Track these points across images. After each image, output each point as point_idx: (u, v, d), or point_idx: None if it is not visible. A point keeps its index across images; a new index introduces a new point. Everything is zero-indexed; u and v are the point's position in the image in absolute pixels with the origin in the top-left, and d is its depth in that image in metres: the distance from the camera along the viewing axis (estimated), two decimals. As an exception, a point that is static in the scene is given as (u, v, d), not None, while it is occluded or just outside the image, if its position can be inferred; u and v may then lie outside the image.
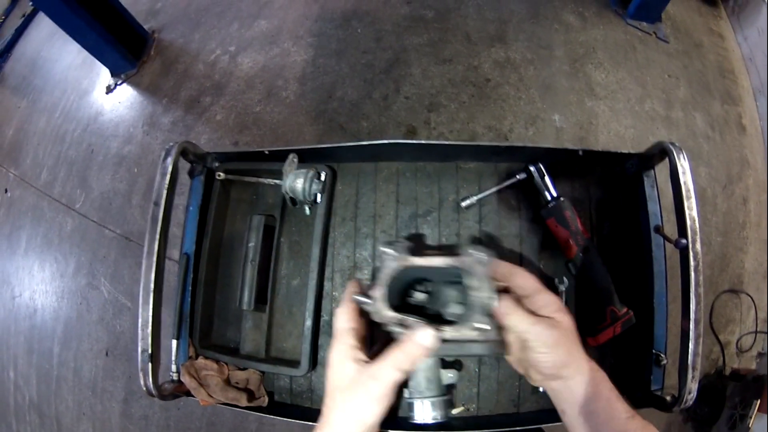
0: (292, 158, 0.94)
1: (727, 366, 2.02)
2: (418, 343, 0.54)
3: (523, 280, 0.61)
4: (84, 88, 3.03)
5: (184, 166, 1.03)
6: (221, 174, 1.03)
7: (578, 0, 2.63)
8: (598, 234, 0.99)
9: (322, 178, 0.95)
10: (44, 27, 3.51)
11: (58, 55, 3.36)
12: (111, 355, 2.35)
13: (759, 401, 1.79)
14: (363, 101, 2.35)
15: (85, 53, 2.79)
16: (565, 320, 0.59)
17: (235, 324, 1.04)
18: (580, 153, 0.96)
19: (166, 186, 0.92)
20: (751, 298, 2.08)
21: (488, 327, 0.55)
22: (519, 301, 0.60)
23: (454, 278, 0.59)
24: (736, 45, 2.60)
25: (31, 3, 3.49)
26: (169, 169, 0.93)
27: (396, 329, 0.56)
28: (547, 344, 0.57)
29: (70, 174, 2.76)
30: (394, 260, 0.58)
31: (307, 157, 0.98)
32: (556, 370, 0.58)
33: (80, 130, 2.86)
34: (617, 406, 0.57)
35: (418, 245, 0.97)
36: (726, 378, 1.97)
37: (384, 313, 0.56)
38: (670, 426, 2.01)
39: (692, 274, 0.78)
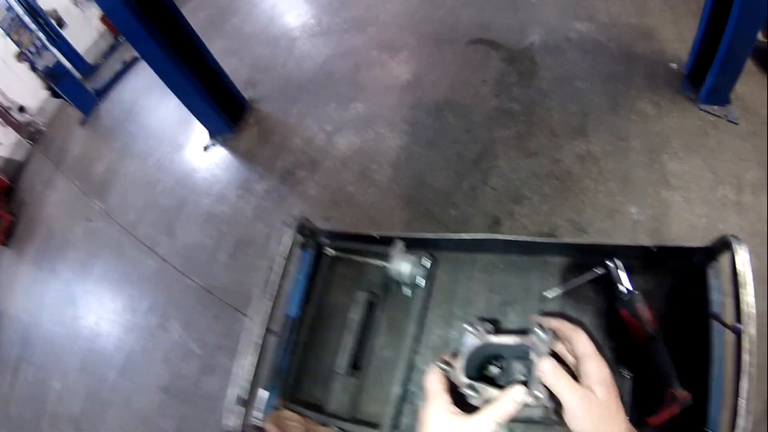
0: (400, 244, 1.09)
1: None
2: (512, 400, 0.66)
3: (580, 343, 0.72)
4: (179, 143, 3.31)
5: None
6: (332, 251, 1.19)
7: (653, 88, 2.73)
8: (666, 323, 1.04)
9: (426, 264, 1.09)
10: (143, 77, 3.81)
11: (155, 106, 3.68)
12: (168, 394, 2.44)
13: None
14: (452, 190, 2.49)
15: (182, 110, 3.04)
16: (602, 393, 0.66)
17: (325, 385, 1.14)
18: (655, 250, 1.06)
19: (284, 255, 1.08)
20: None
21: (541, 395, 0.67)
22: (568, 365, 0.71)
23: (523, 355, 0.73)
24: None
25: (138, 55, 3.60)
26: (288, 239, 1.09)
27: (469, 392, 0.70)
28: (577, 413, 0.65)
29: (157, 220, 2.99)
30: (474, 337, 0.75)
31: (409, 244, 1.13)
32: None
33: (172, 182, 3.11)
34: None
35: (496, 327, 1.08)
36: None
37: (461, 379, 0.71)
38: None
39: (745, 356, 0.85)
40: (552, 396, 0.68)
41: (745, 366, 0.85)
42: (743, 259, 0.91)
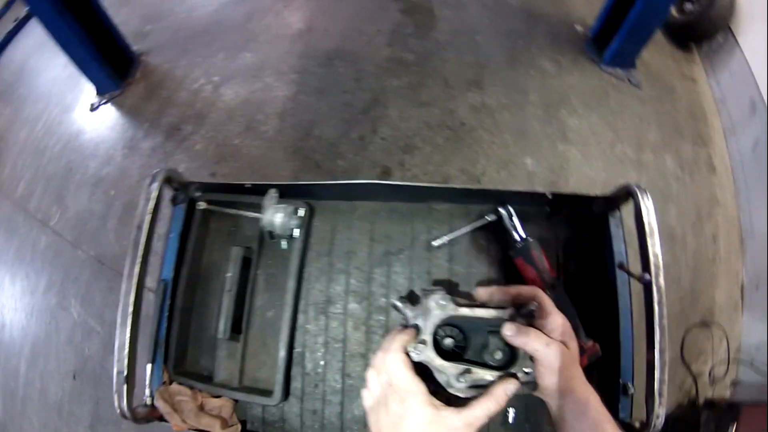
0: (273, 193, 0.99)
1: (700, 396, 2.07)
2: (505, 393, 0.59)
3: (542, 301, 0.66)
4: (68, 104, 3.02)
5: (165, 193, 1.06)
6: (203, 204, 1.07)
7: (555, 47, 2.75)
8: (566, 272, 1.04)
9: (300, 214, 1.00)
10: (35, 35, 3.48)
11: (45, 66, 3.34)
12: (78, 379, 2.30)
13: (735, 424, 1.83)
14: (340, 140, 2.41)
15: (71, 68, 2.78)
16: (572, 346, 0.65)
17: (210, 352, 1.06)
18: (549, 196, 1.02)
19: (150, 211, 0.95)
20: (723, 329, 2.15)
21: (530, 370, 0.62)
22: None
23: (492, 328, 0.64)
24: (708, 88, 2.75)
25: (27, 9, 3.44)
26: (154, 194, 0.96)
27: (457, 380, 0.60)
28: (553, 366, 0.62)
29: (47, 190, 2.74)
30: (439, 309, 0.63)
31: (286, 193, 1.03)
32: (556, 393, 0.63)
33: (60, 146, 2.84)
34: (605, 427, 0.62)
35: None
36: (700, 407, 2.02)
37: (437, 362, 0.60)
38: (646, 458, 2.05)
39: (656, 307, 0.84)
40: None
41: (656, 317, 0.83)
42: (648, 208, 0.89)
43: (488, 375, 0.61)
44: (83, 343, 2.34)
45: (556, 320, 0.65)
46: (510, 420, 0.97)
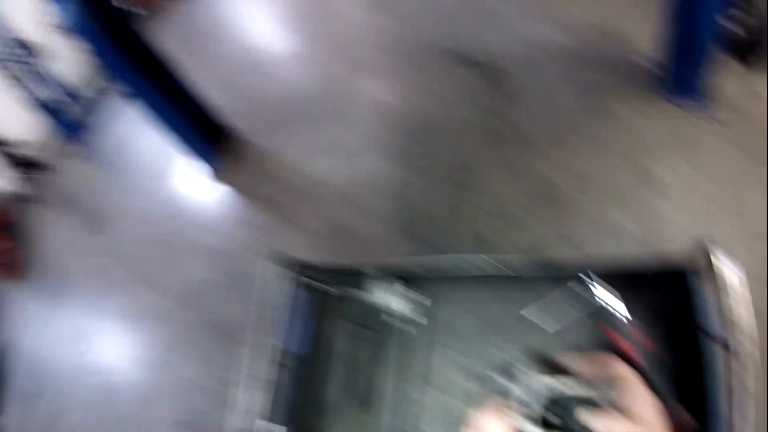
0: (397, 283, 1.13)
1: None
2: None
3: (626, 379, 0.69)
4: (170, 177, 3.34)
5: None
6: (332, 289, 1.23)
7: (624, 87, 2.70)
8: (655, 337, 1.04)
9: (425, 302, 1.14)
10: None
11: (145, 139, 3.61)
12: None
13: None
14: (445, 215, 2.52)
15: (172, 142, 3.05)
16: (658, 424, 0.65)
17: (335, 422, 1.18)
18: (650, 277, 1.08)
19: (277, 290, 1.14)
20: None
21: None
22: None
23: (590, 403, 0.68)
24: None
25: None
26: (275, 276, 1.16)
27: None
28: None
29: (156, 255, 3.03)
30: (540, 383, 0.70)
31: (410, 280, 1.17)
32: None
33: (167, 217, 3.16)
34: None
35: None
36: None
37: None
38: None
39: (736, 368, 0.85)
40: None
41: (737, 381, 0.84)
42: (723, 267, 0.90)
43: None
44: (193, 399, 2.52)
45: (645, 403, 0.66)
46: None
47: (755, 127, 2.45)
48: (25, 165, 4.35)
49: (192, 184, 3.19)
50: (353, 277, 1.24)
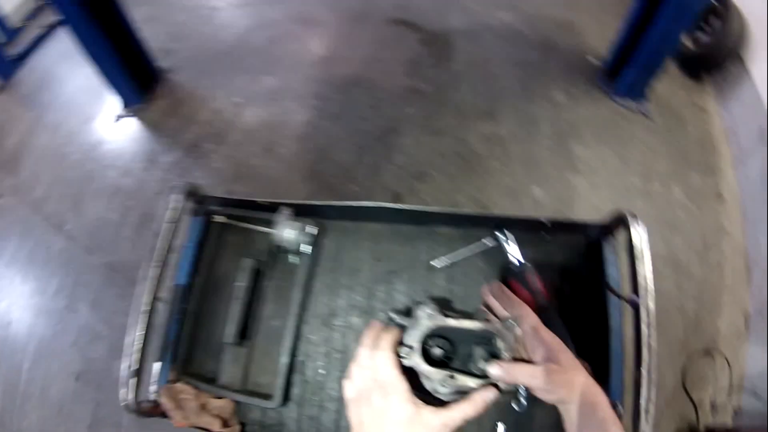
0: (286, 211, 1.07)
1: (700, 424, 2.06)
2: (483, 401, 0.63)
3: (529, 317, 0.70)
4: (89, 114, 3.13)
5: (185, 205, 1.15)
6: (220, 217, 1.15)
7: (568, 78, 2.84)
8: (560, 296, 1.07)
9: (310, 231, 1.07)
10: (61, 44, 3.56)
11: (68, 75, 3.44)
12: (81, 380, 2.35)
13: None
14: (355, 165, 2.50)
15: (94, 79, 2.88)
16: (565, 357, 0.67)
17: (216, 356, 1.13)
18: (547, 223, 1.09)
19: (172, 220, 1.05)
20: (726, 358, 2.14)
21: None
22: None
23: (485, 341, 0.68)
24: (718, 117, 2.78)
25: (58, 17, 3.52)
26: (176, 204, 1.05)
27: (440, 385, 0.65)
28: (546, 389, 0.64)
29: (64, 196, 2.82)
30: (428, 319, 0.68)
31: (298, 212, 1.11)
32: (556, 403, 0.67)
33: (80, 155, 2.94)
34: (611, 429, 0.63)
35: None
36: None
37: (423, 367, 0.65)
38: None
39: (643, 327, 0.88)
40: None
41: (644, 337, 0.88)
42: (639, 234, 0.94)
43: (471, 382, 0.65)
44: (88, 347, 2.39)
45: (544, 337, 0.68)
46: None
47: (689, 134, 2.69)
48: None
49: (115, 126, 3.01)
50: (245, 208, 1.18)
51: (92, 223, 2.67)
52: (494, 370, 0.64)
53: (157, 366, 1.10)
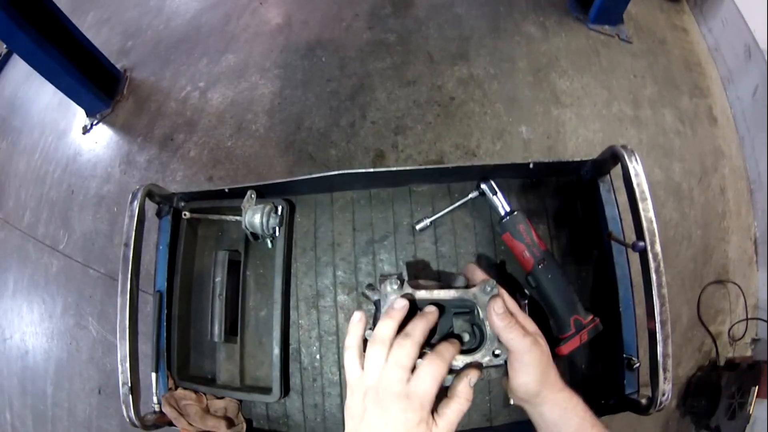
0: (250, 195, 0.99)
1: (720, 356, 2.02)
2: (468, 384, 0.57)
3: (508, 300, 0.63)
4: (62, 129, 3.06)
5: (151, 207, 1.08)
6: (187, 213, 1.08)
7: (539, 10, 2.68)
8: (558, 244, 1.01)
9: (279, 212, 1.00)
10: (20, 67, 3.52)
11: (35, 95, 3.39)
12: (104, 393, 2.37)
13: (757, 387, 1.78)
14: (330, 129, 2.40)
15: (60, 94, 2.82)
16: (543, 343, 0.62)
17: (211, 356, 1.08)
18: (531, 166, 0.98)
19: (134, 228, 0.97)
20: (739, 286, 2.10)
21: (505, 352, 0.60)
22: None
23: (457, 309, 0.62)
24: (701, 37, 2.66)
25: (5, 46, 3.56)
26: (136, 212, 0.98)
27: None
28: (527, 363, 0.59)
29: (52, 215, 2.79)
30: (394, 294, 0.61)
31: (266, 193, 1.04)
32: (529, 396, 0.62)
33: (60, 171, 2.89)
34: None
35: (416, 274, 1.02)
36: (720, 369, 1.97)
37: None
38: (668, 421, 2.01)
39: (653, 275, 0.79)
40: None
41: (654, 286, 0.79)
42: (637, 170, 0.83)
43: (456, 360, 0.59)
44: (104, 359, 2.40)
45: (525, 319, 0.63)
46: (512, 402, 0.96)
47: (673, 57, 2.56)
48: None
49: (87, 136, 2.94)
50: (210, 199, 1.10)
51: (84, 237, 2.64)
52: (499, 308, 0.59)
53: (153, 376, 1.05)
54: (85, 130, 2.93)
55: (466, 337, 0.62)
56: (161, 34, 3.14)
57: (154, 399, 1.04)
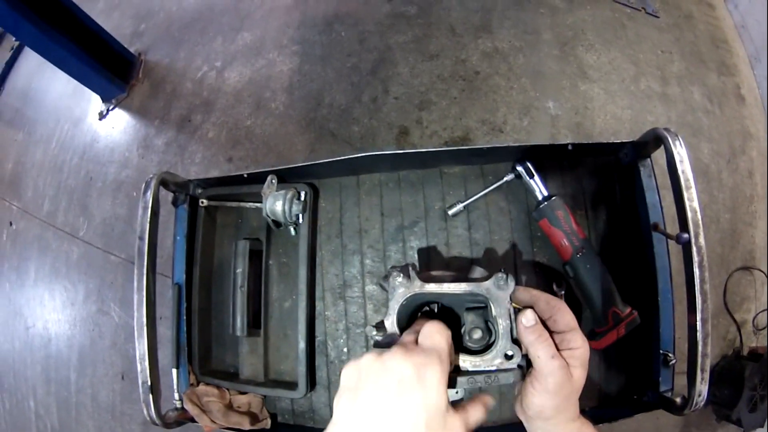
0: (271, 180, 0.93)
1: (744, 345, 1.96)
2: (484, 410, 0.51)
3: (562, 317, 0.56)
4: (77, 116, 3.06)
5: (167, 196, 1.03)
6: (204, 201, 1.02)
7: None
8: (596, 231, 0.94)
9: (303, 197, 0.93)
10: (33, 58, 3.52)
11: (48, 84, 3.40)
12: (127, 379, 2.37)
13: None
14: (352, 105, 2.32)
15: (74, 81, 2.80)
16: (578, 375, 0.55)
17: (233, 349, 1.04)
18: (570, 148, 0.90)
19: (149, 220, 0.92)
20: (765, 273, 2.01)
21: (519, 354, 0.53)
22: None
23: (470, 303, 0.57)
24: (727, 13, 2.51)
25: (14, 38, 3.58)
26: (150, 203, 0.93)
27: None
28: (549, 386, 0.53)
29: (71, 203, 2.80)
30: (402, 287, 0.55)
31: (288, 177, 0.97)
32: (539, 418, 0.55)
33: (77, 159, 2.89)
34: None
35: (429, 265, 0.95)
36: (744, 358, 1.90)
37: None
38: (689, 411, 1.96)
39: (696, 270, 0.72)
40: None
41: (697, 281, 0.72)
42: (682, 156, 0.76)
43: (467, 362, 0.53)
44: (127, 345, 2.40)
45: (578, 341, 0.55)
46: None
47: (699, 32, 2.43)
48: None
49: (103, 122, 2.93)
50: (228, 185, 1.04)
51: (104, 223, 2.64)
52: (528, 321, 0.53)
53: (174, 372, 1.02)
54: (102, 116, 2.92)
55: (478, 334, 0.56)
56: (174, 15, 3.09)
57: (176, 396, 1.01)
